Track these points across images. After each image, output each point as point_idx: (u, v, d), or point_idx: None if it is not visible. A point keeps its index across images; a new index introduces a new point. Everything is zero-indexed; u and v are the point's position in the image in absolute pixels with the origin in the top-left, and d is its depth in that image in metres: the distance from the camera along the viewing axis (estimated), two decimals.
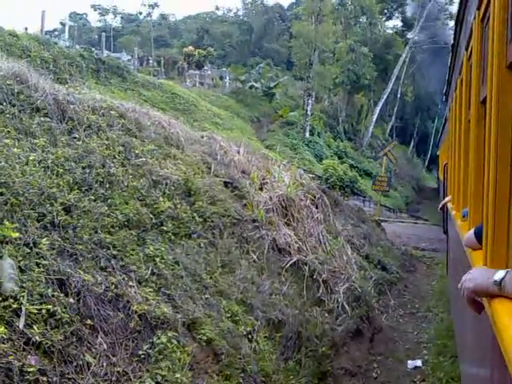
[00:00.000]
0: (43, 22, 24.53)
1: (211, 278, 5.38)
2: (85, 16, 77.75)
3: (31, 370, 3.08)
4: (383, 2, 48.92)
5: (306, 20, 36.98)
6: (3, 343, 3.11)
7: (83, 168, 5.02)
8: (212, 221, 6.16)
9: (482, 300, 1.78)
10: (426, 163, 56.29)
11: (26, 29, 26.69)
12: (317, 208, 9.00)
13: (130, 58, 40.41)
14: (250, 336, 5.14)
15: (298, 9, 45.66)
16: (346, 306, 7.01)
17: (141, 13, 74.42)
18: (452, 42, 6.01)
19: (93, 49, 29.61)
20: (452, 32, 6.11)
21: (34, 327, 3.31)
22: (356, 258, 9.27)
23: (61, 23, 55.76)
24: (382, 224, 15.27)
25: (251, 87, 38.13)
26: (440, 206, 9.08)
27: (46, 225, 4.14)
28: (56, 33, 55.30)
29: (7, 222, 3.81)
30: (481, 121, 3.05)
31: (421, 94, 54.39)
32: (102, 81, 22.06)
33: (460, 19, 4.70)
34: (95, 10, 73.77)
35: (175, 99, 26.07)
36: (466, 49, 3.97)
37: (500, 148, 1.91)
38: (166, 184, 5.88)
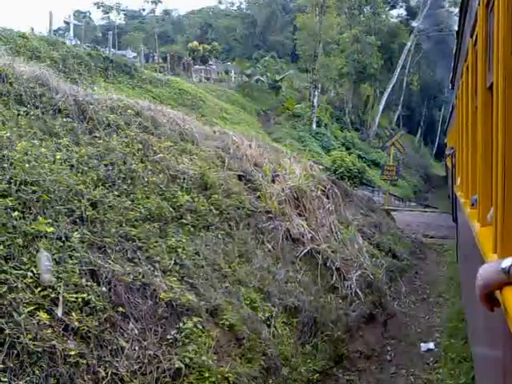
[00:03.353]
0: (51, 22, 24.79)
1: (230, 267, 5.62)
2: (88, 14, 77.87)
3: (72, 353, 3.34)
4: None
5: (309, 12, 36.96)
6: (45, 329, 3.37)
7: (106, 165, 5.27)
8: (228, 213, 6.40)
9: (496, 296, 1.73)
10: (434, 151, 56.14)
11: (33, 29, 26.99)
12: (328, 198, 9.20)
13: (135, 55, 40.60)
14: (268, 322, 5.38)
15: (302, 1, 45.54)
16: (359, 293, 7.22)
17: (144, 9, 74.66)
18: (457, 29, 6.07)
19: (98, 47, 29.86)
20: (457, 19, 6.11)
21: (72, 314, 3.56)
22: (367, 246, 9.49)
23: (65, 22, 56.00)
24: (392, 213, 15.44)
25: (257, 81, 38.25)
26: None
27: (76, 220, 4.39)
28: (61, 32, 55.46)
29: (40, 218, 4.06)
30: (488, 107, 3.06)
31: (427, 82, 54.17)
32: (111, 79, 22.29)
33: (464, 5, 4.69)
34: (98, 8, 73.89)
35: (183, 95, 26.29)
36: (471, 35, 3.99)
37: (508, 133, 1.92)
38: (184, 178, 6.11)
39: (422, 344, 6.96)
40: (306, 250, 7.18)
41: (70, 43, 26.41)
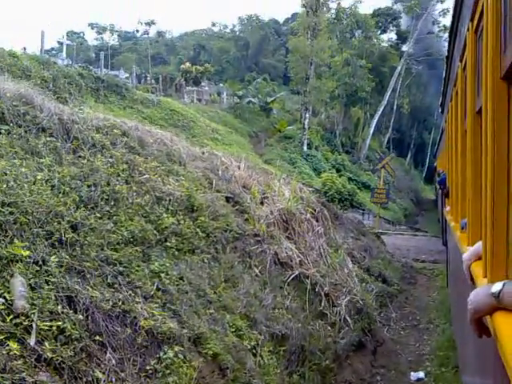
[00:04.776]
0: (42, 42, 24.80)
1: (215, 292, 5.45)
2: (82, 35, 78.38)
3: None
4: (378, 15, 49.62)
5: (301, 35, 37.38)
6: (15, 360, 3.18)
7: (89, 186, 5.12)
8: (215, 236, 6.24)
9: (487, 323, 1.75)
10: (424, 174, 56.47)
11: (25, 49, 27.01)
12: (317, 221, 9.08)
13: (127, 75, 40.72)
14: (254, 350, 5.20)
15: (294, 24, 46.13)
16: (349, 319, 7.06)
17: (138, 31, 75.40)
18: (446, 53, 6.13)
19: (91, 67, 29.87)
20: (446, 44, 6.20)
21: (45, 344, 3.38)
22: (357, 270, 9.35)
23: (58, 42, 56.31)
24: (382, 236, 15.35)
25: (249, 102, 38.43)
26: None
27: (54, 243, 4.22)
28: (54, 52, 55.69)
29: (17, 241, 3.89)
30: (477, 131, 3.09)
31: (417, 105, 54.81)
32: (102, 99, 22.24)
33: (454, 31, 4.77)
34: (92, 29, 74.62)
35: (174, 116, 26.25)
36: (461, 60, 4.04)
37: (497, 158, 1.92)
38: (170, 200, 5.97)
39: (412, 373, 6.79)
40: (294, 275, 7.03)
41: (62, 63, 26.40)
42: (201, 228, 6.12)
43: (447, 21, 41.25)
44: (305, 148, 34.06)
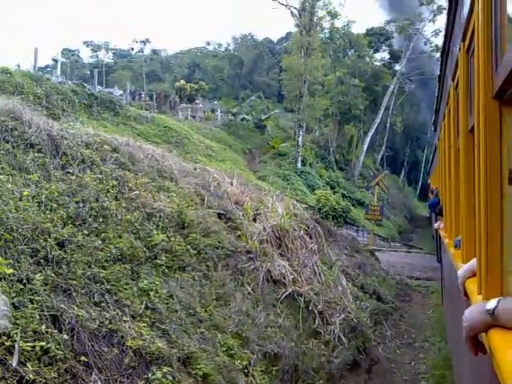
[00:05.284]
0: (36, 58, 24.86)
1: (206, 311, 5.33)
2: (77, 52, 78.73)
3: None
4: (370, 35, 50.21)
5: (295, 54, 37.70)
6: None
7: (77, 202, 5.03)
8: (206, 253, 6.15)
9: (482, 340, 1.74)
10: (418, 192, 56.65)
11: (19, 65, 27.04)
12: (311, 238, 9.00)
13: (122, 92, 40.81)
14: (246, 370, 5.07)
15: (288, 43, 46.57)
16: (343, 338, 6.94)
17: (133, 49, 75.74)
18: (439, 72, 6.17)
19: (85, 84, 29.92)
20: (438, 63, 6.27)
21: (28, 365, 3.26)
22: (351, 288, 9.24)
23: (53, 59, 56.55)
24: (376, 253, 15.24)
25: (243, 119, 38.56)
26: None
27: (40, 260, 4.12)
28: (48, 69, 55.86)
29: (0, 258, 3.79)
30: (469, 149, 3.08)
31: (410, 123, 55.25)
32: (95, 115, 22.22)
33: (446, 50, 4.83)
34: (87, 46, 75.02)
35: (168, 132, 26.24)
36: (453, 79, 4.06)
37: (489, 176, 1.92)
38: (160, 217, 5.88)
39: None
40: (287, 293, 6.92)
41: (56, 80, 26.42)
42: (192, 245, 6.03)
43: (439, 41, 41.83)
44: (299, 165, 34.10)
